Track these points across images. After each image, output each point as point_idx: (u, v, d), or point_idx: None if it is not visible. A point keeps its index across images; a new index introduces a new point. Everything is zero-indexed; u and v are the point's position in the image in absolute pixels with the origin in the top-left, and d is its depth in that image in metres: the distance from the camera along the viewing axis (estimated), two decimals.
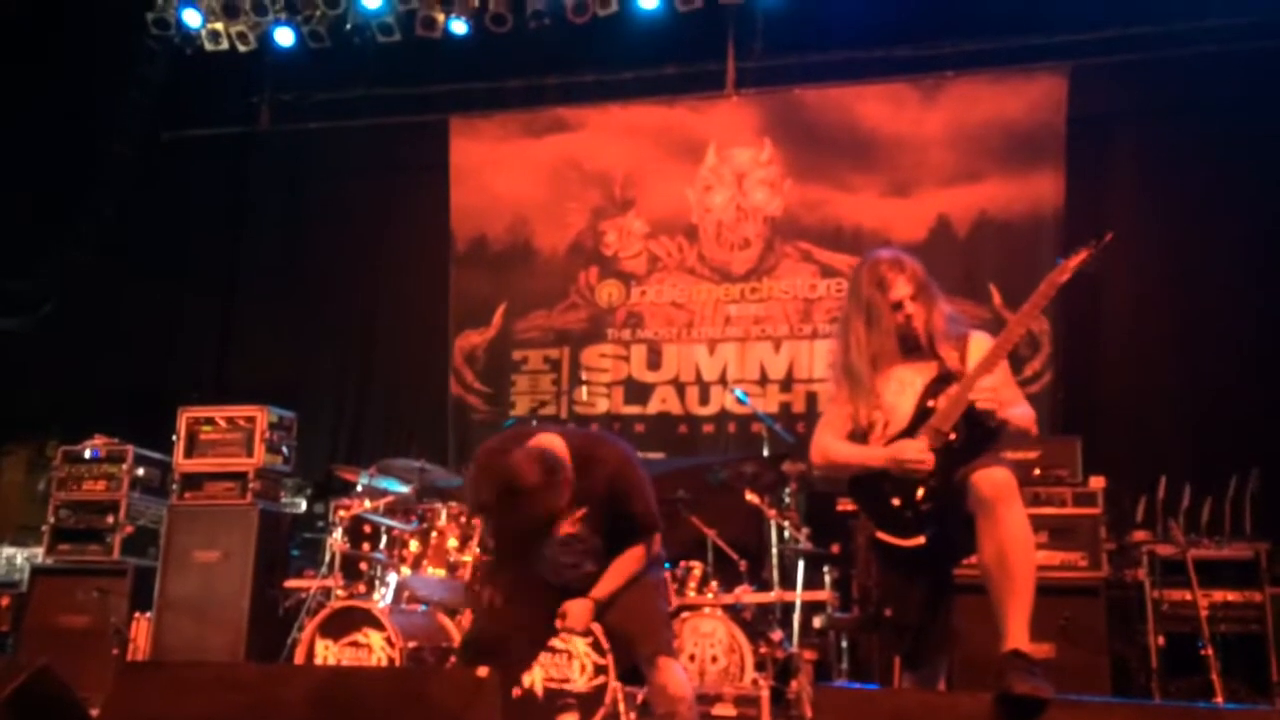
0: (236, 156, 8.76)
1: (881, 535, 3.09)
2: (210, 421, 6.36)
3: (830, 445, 3.22)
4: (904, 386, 3.14)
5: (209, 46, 7.99)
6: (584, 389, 7.55)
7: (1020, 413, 3.09)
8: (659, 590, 3.59)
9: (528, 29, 7.59)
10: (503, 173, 8.08)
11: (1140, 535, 5.39)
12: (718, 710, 4.80)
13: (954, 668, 3.86)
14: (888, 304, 3.15)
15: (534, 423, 6.39)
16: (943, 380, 3.09)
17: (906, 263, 3.20)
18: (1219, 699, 4.44)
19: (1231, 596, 5.09)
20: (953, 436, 3.00)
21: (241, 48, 8.01)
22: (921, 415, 3.07)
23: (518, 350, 7.85)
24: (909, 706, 2.79)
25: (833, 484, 6.29)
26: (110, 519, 6.39)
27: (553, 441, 3.29)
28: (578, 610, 3.38)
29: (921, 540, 3.02)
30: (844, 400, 3.23)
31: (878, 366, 3.16)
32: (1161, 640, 5.04)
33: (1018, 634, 2.78)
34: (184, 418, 6.39)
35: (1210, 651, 4.57)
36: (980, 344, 3.14)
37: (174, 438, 6.36)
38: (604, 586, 3.39)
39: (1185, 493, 5.21)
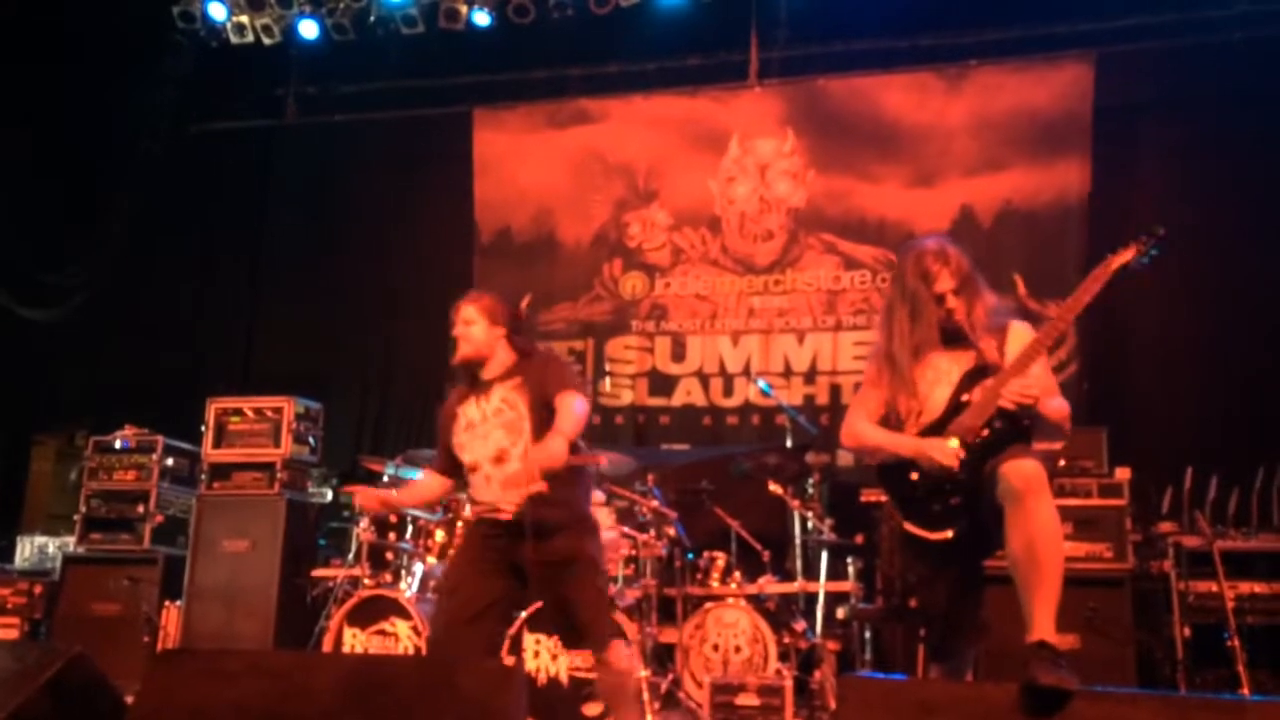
0: (263, 148, 8.83)
1: (909, 527, 3.09)
2: (238, 412, 6.42)
3: (862, 428, 3.23)
4: (940, 376, 3.14)
5: (234, 39, 8.05)
6: (608, 380, 7.58)
7: (1055, 405, 3.08)
8: (599, 565, 3.63)
9: (550, 20, 7.61)
10: (526, 164, 8.09)
11: (1166, 526, 5.37)
12: (741, 700, 4.82)
13: (981, 658, 3.87)
14: (931, 297, 3.14)
15: None
16: (979, 372, 3.09)
17: (951, 255, 3.18)
18: (1245, 690, 4.42)
19: (1259, 588, 5.06)
20: (985, 433, 3.00)
21: (266, 40, 8.06)
22: (955, 408, 3.07)
23: (542, 342, 7.86)
24: (935, 697, 2.79)
25: (857, 474, 6.32)
26: (141, 508, 6.49)
27: None
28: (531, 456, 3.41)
29: (949, 534, 3.02)
30: (881, 384, 3.23)
31: (919, 356, 3.16)
32: (1187, 631, 5.02)
33: (1044, 625, 2.78)
34: (212, 408, 6.46)
35: (1236, 643, 4.55)
36: (1019, 334, 3.13)
37: (202, 428, 6.43)
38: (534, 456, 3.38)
39: (1212, 484, 5.17)
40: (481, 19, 7.72)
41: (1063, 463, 5.23)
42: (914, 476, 3.07)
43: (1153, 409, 6.80)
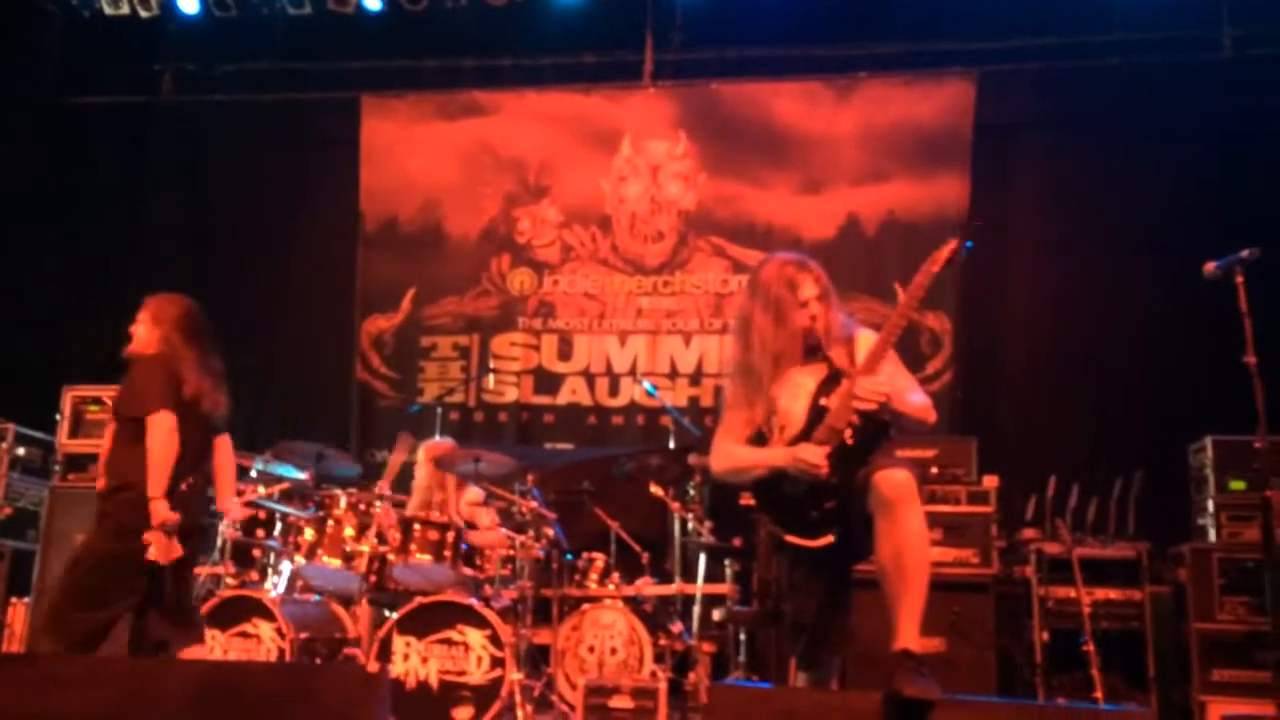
0: (138, 126, 8.43)
1: (790, 539, 3.10)
2: (97, 401, 6.17)
3: (732, 451, 3.23)
4: (797, 390, 3.17)
5: (108, 10, 7.70)
6: (492, 377, 7.48)
7: (916, 401, 3.13)
8: (101, 549, 4.03)
9: (444, 8, 7.47)
10: (415, 154, 7.92)
11: (1029, 533, 5.55)
12: (615, 702, 4.80)
13: (849, 663, 3.92)
14: (796, 304, 3.18)
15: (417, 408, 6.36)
16: (833, 379, 3.14)
17: (812, 265, 3.28)
18: (1099, 694, 4.59)
19: (1113, 594, 5.28)
20: (849, 433, 3.04)
21: (143, 13, 7.72)
22: (816, 415, 3.10)
23: (426, 336, 7.73)
24: (801, 706, 2.82)
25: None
26: None
27: None
28: None
29: (830, 539, 3.05)
30: (742, 404, 3.24)
31: (779, 366, 3.19)
32: (1046, 636, 5.21)
33: (908, 633, 2.82)
34: (69, 396, 6.18)
35: (1091, 648, 4.72)
36: (867, 340, 3.20)
37: (58, 417, 6.12)
38: None
39: (1073, 493, 5.36)
40: (372, 3, 7.54)
41: (934, 470, 5.36)
42: (788, 488, 3.08)
43: (1021, 418, 7.03)
